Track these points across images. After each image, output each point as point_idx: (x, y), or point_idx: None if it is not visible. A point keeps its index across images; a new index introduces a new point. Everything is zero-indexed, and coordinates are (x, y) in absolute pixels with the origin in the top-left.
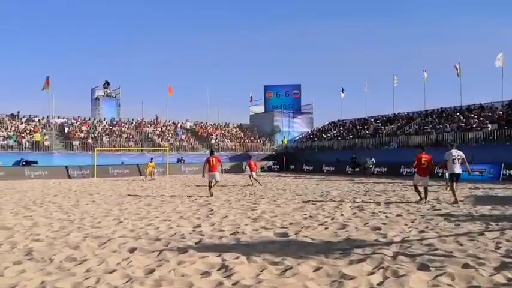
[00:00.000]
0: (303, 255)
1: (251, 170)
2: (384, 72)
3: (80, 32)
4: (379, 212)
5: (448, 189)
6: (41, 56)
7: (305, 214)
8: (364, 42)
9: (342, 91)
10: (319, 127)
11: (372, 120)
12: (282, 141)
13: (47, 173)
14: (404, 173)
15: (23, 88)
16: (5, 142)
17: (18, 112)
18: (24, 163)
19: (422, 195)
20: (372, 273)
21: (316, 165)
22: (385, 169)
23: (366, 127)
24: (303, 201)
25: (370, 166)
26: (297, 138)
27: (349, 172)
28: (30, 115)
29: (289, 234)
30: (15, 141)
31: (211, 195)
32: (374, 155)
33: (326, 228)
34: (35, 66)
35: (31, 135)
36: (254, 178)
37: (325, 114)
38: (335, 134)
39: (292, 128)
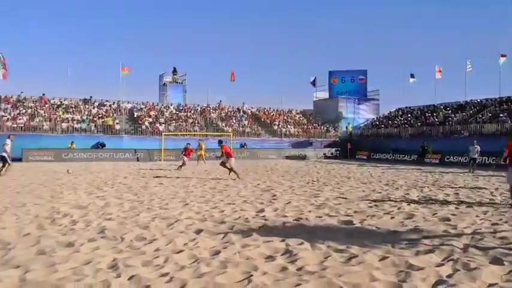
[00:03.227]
0: (369, 243)
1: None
2: (455, 57)
3: (150, 22)
4: (448, 202)
5: None
6: (113, 44)
7: (370, 202)
8: (435, 26)
9: (412, 77)
10: (386, 114)
11: (442, 107)
12: (347, 127)
13: (116, 156)
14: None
15: (96, 74)
16: (79, 126)
17: (91, 97)
18: (99, 146)
19: None
20: (441, 265)
21: (382, 153)
22: (455, 158)
23: (435, 114)
24: (368, 190)
25: (476, 156)
26: (361, 125)
27: (416, 160)
28: (102, 100)
29: (353, 222)
30: (88, 124)
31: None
32: (443, 144)
33: (392, 218)
34: (107, 54)
35: (103, 120)
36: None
37: (392, 100)
38: (402, 121)
39: (357, 115)
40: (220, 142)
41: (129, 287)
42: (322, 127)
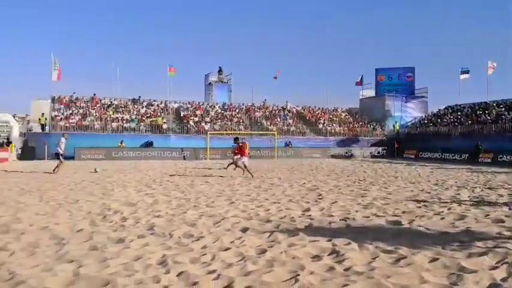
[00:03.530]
0: (418, 244)
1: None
2: (508, 53)
3: (196, 22)
4: (502, 203)
5: None
6: (158, 45)
7: (419, 203)
8: (487, 20)
9: (464, 73)
10: (434, 112)
11: (494, 104)
12: (394, 126)
13: (164, 154)
14: None
15: (144, 74)
16: (128, 125)
17: (139, 97)
18: (149, 144)
19: None
20: (494, 268)
21: (431, 152)
22: (509, 158)
23: (487, 112)
24: (417, 189)
25: None
26: (409, 124)
27: (467, 159)
28: (149, 99)
29: (402, 222)
30: (136, 124)
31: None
32: (495, 143)
33: (442, 219)
34: (154, 55)
35: (151, 119)
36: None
37: (440, 98)
38: (452, 120)
39: (404, 113)
40: (236, 139)
41: (177, 283)
42: (368, 125)
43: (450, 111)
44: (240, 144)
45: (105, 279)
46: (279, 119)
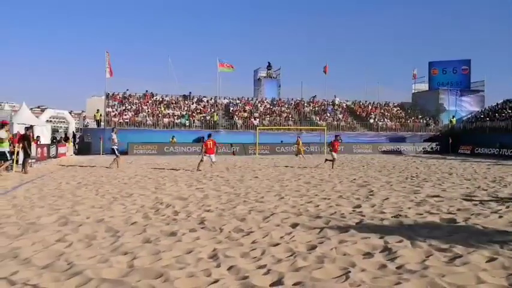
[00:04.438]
0: (474, 243)
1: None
2: None
3: (246, 18)
4: None
5: None
6: (209, 42)
7: (475, 200)
8: None
9: None
10: (492, 106)
11: None
12: (450, 120)
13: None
14: None
15: (195, 71)
16: (179, 121)
17: (190, 93)
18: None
19: None
20: None
21: (487, 147)
22: None
23: None
24: (473, 186)
25: None
26: (465, 118)
27: None
28: (200, 95)
29: (457, 220)
30: (187, 119)
31: (197, 170)
32: None
33: (500, 217)
34: (203, 53)
35: (201, 115)
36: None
37: (499, 92)
38: (510, 114)
39: (459, 107)
40: (209, 136)
41: (228, 277)
42: (421, 120)
43: (509, 105)
44: (209, 141)
45: (159, 271)
46: (328, 115)
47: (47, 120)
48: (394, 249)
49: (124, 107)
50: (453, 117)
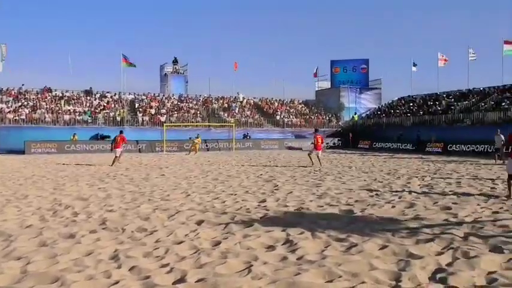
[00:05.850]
0: (369, 232)
1: (316, 148)
2: (457, 45)
3: (149, 10)
4: (449, 191)
5: None
6: (112, 34)
7: (371, 192)
8: (436, 14)
9: (414, 65)
10: (388, 103)
11: (444, 95)
12: (353, 117)
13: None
14: (479, 151)
15: (96, 65)
16: (81, 117)
17: (91, 88)
18: (99, 137)
19: None
20: (440, 254)
21: (384, 142)
22: (457, 147)
23: (437, 103)
24: (370, 179)
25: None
26: (363, 115)
27: (413, 149)
28: (103, 91)
29: (354, 211)
30: (89, 116)
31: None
32: (445, 133)
33: (393, 207)
34: (106, 44)
35: (105, 111)
36: (318, 157)
37: (394, 90)
38: (404, 110)
39: (359, 104)
40: (120, 132)
41: (129, 278)
42: (324, 117)
43: (403, 102)
44: (118, 136)
45: (55, 275)
46: (236, 111)
47: None
48: (295, 241)
49: (20, 103)
50: (355, 113)
